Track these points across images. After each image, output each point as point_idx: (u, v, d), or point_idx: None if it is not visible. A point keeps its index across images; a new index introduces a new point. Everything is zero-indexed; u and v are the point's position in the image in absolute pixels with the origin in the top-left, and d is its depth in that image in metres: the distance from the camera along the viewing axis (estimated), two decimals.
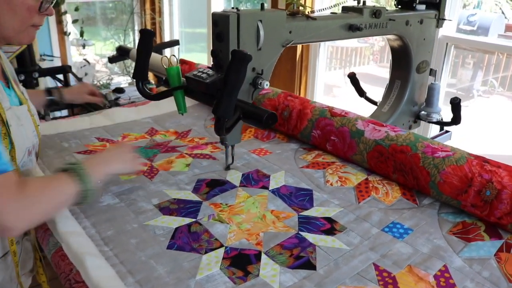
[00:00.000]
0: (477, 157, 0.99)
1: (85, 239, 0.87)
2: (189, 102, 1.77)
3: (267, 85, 1.07)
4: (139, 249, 0.84)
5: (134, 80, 1.12)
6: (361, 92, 1.74)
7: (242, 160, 1.23)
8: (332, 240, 0.90)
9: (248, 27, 1.02)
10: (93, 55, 4.49)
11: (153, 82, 2.84)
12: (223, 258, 0.84)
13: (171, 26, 4.26)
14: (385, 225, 0.95)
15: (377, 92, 1.79)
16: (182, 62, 1.88)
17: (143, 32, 1.08)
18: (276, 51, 1.11)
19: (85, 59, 4.09)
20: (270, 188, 1.09)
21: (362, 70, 5.74)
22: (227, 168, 1.17)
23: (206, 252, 0.85)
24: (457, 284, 0.79)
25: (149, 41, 1.08)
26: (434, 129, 1.91)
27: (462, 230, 0.95)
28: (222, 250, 0.86)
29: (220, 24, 1.00)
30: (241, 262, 0.83)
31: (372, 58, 6.11)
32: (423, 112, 1.62)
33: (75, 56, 4.21)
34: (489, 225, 0.95)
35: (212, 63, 1.07)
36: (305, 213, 1.00)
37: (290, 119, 1.34)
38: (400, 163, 1.07)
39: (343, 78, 5.71)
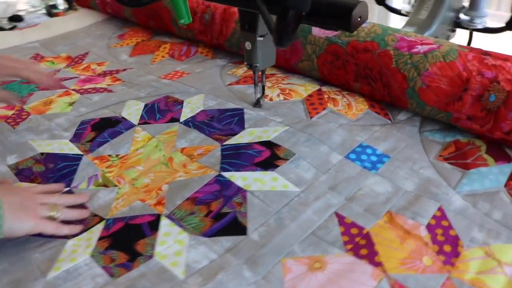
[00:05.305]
0: (472, 49, 0.69)
1: None
2: (93, 18, 1.40)
3: None
4: None
5: None
6: None
7: (148, 88, 0.88)
8: (272, 178, 0.60)
9: None
10: None
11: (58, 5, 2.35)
12: (100, 239, 0.52)
13: None
14: (351, 149, 0.66)
15: None
16: None
17: None
18: None
19: None
20: (181, 120, 0.75)
21: None
22: (257, 103, 0.79)
23: (76, 236, 0.53)
24: (461, 236, 0.52)
25: None
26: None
27: (456, 153, 0.66)
28: (100, 226, 0.54)
29: None
30: (127, 239, 0.52)
31: None
32: (464, 17, 1.28)
33: None
34: (491, 144, 0.67)
35: None
36: (232, 140, 0.69)
37: (212, 24, 0.99)
38: (364, 66, 0.76)
39: None
